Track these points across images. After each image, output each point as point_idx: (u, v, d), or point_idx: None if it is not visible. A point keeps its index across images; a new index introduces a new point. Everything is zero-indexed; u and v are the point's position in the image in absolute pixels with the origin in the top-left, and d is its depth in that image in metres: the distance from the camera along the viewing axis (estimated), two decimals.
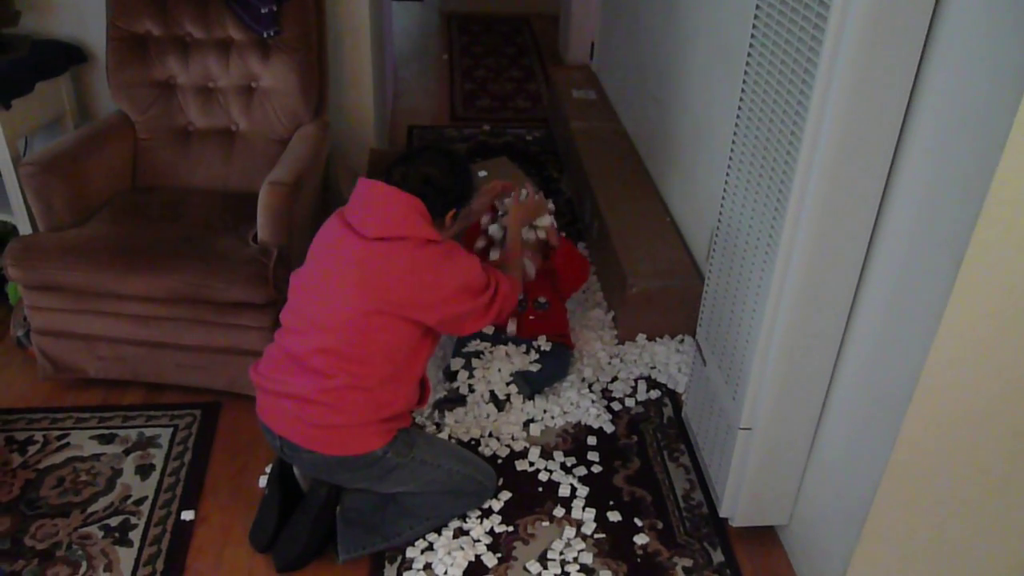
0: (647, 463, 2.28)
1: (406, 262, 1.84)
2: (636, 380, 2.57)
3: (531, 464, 2.24)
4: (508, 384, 2.46)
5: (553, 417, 2.41)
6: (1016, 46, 1.22)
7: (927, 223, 1.45)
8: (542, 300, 2.56)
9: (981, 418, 1.54)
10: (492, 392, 2.43)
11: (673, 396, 2.53)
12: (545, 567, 1.95)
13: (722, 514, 2.05)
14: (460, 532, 2.04)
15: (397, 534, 1.98)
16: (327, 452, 1.85)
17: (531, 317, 2.57)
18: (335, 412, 1.82)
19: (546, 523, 2.08)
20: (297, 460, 1.93)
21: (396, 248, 1.84)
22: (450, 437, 2.31)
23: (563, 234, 2.65)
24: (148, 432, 2.31)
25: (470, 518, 2.07)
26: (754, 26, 1.72)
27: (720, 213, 1.96)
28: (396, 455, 1.89)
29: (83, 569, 1.92)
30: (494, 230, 2.47)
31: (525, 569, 1.95)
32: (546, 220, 2.45)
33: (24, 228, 2.72)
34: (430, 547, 1.99)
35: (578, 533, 2.05)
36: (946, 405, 1.51)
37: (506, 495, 2.14)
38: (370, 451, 1.86)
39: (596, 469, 2.24)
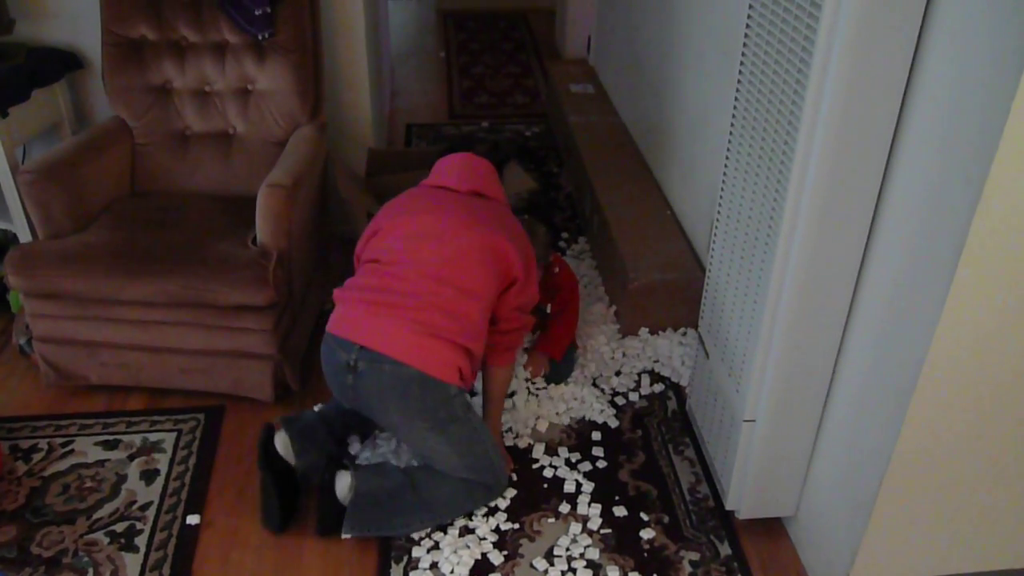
0: (652, 457, 2.27)
1: (500, 212, 2.11)
2: (639, 374, 2.56)
3: (536, 461, 2.24)
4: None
5: (557, 413, 2.40)
6: (1014, 31, 1.21)
7: (927, 211, 1.45)
8: (545, 309, 2.55)
9: (985, 406, 1.54)
10: None
11: (677, 389, 2.53)
12: (552, 564, 1.95)
13: (728, 507, 2.05)
14: (466, 530, 2.03)
15: (405, 524, 1.99)
16: (414, 364, 1.87)
17: None
18: (445, 316, 1.89)
19: (552, 520, 2.07)
20: (365, 379, 1.91)
21: (488, 203, 2.12)
22: None
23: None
24: (152, 437, 2.31)
25: (476, 516, 2.07)
26: (749, 16, 1.71)
27: (719, 204, 1.95)
28: (461, 406, 1.96)
29: None
30: None
31: (532, 566, 1.95)
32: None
33: (24, 236, 2.72)
34: (436, 546, 1.99)
35: (584, 529, 2.05)
36: (950, 393, 1.50)
37: (511, 492, 2.14)
38: (450, 382, 1.91)
39: (601, 464, 2.24)
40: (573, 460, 2.25)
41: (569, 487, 2.16)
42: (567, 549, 1.99)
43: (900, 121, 1.50)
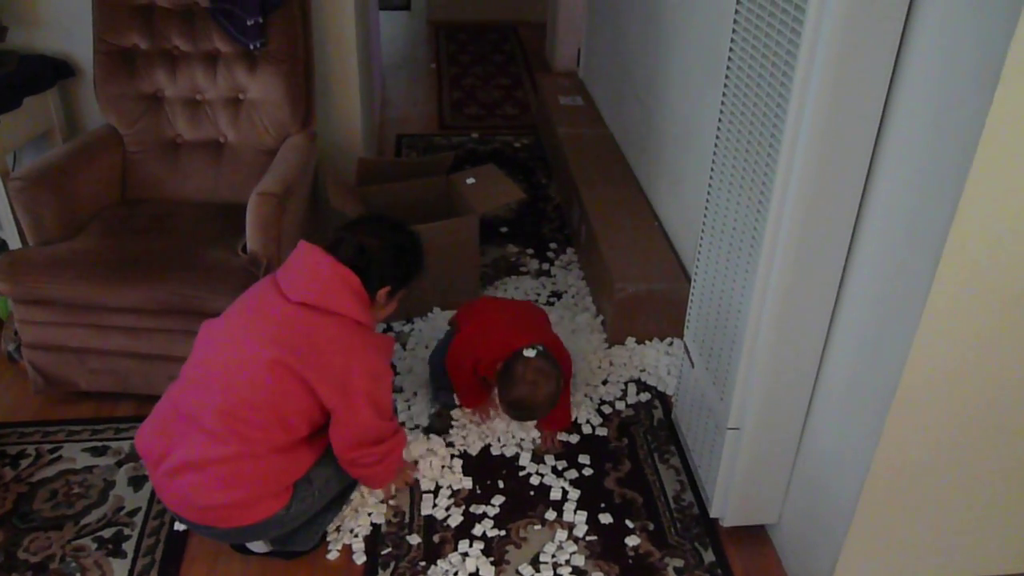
0: (638, 465, 2.29)
1: (326, 332, 1.77)
2: (626, 383, 2.58)
3: (523, 468, 2.26)
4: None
5: None
6: (993, 41, 1.24)
7: (906, 221, 1.47)
8: None
9: (964, 415, 1.56)
10: None
11: (663, 398, 2.55)
12: (538, 570, 1.96)
13: (712, 514, 2.07)
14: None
15: (338, 508, 2.02)
16: (225, 526, 1.80)
17: None
18: (227, 489, 1.74)
19: (538, 527, 2.09)
20: (198, 533, 1.90)
21: (318, 318, 1.78)
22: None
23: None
24: None
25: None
26: (734, 29, 1.74)
27: (705, 215, 1.98)
28: (300, 502, 1.83)
29: None
30: None
31: (518, 573, 1.96)
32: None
33: (14, 243, 2.73)
34: None
35: (570, 536, 2.06)
36: (929, 402, 1.53)
37: (499, 499, 2.15)
38: (272, 515, 1.79)
39: (587, 472, 2.25)
40: (559, 468, 2.26)
41: (555, 495, 2.17)
42: (553, 556, 2.00)
43: (880, 133, 1.53)
